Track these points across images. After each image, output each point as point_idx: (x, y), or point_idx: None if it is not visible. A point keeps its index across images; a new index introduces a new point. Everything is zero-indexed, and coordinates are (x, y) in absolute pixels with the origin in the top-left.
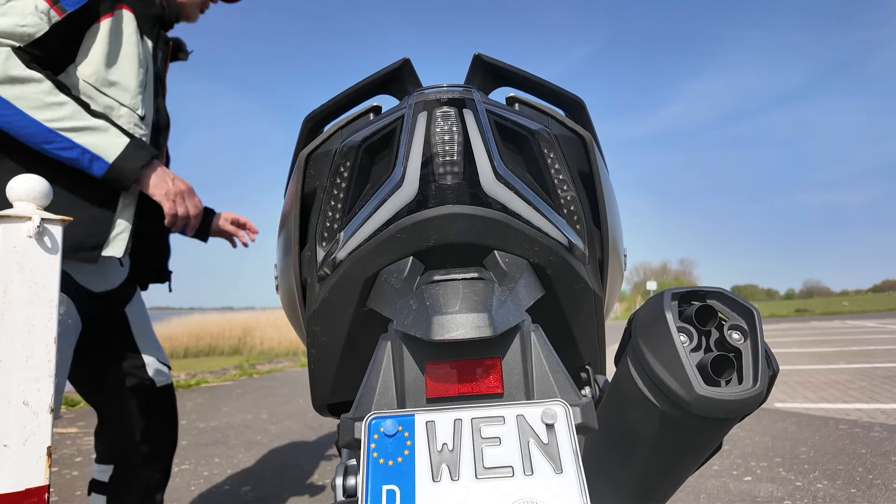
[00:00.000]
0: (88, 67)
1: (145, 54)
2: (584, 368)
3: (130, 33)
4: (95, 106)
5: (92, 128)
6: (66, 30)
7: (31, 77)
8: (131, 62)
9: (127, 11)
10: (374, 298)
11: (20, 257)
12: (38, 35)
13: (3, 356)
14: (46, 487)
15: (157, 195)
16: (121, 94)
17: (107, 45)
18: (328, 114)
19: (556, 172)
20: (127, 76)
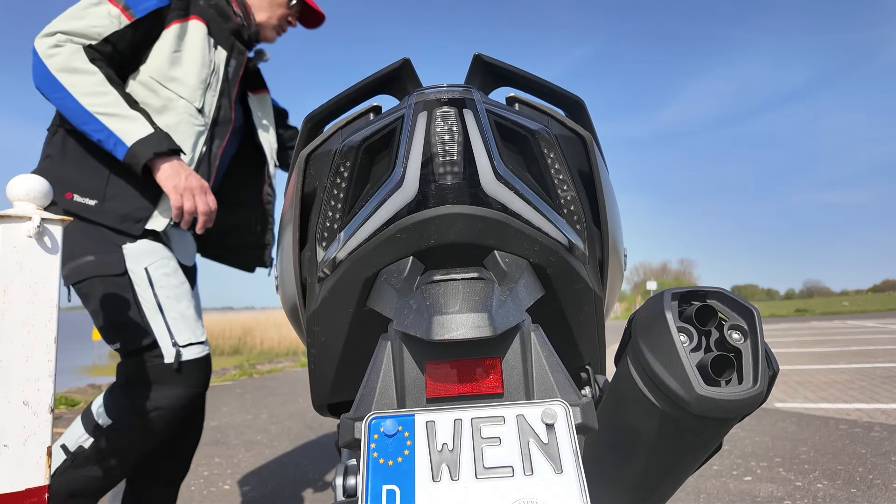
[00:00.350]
0: (153, 65)
1: (213, 59)
2: (584, 368)
3: (199, 39)
4: (157, 98)
5: (124, 116)
6: (134, 33)
7: (89, 69)
8: (194, 63)
9: (198, 22)
10: (374, 298)
11: (20, 257)
12: (106, 34)
13: (3, 356)
14: (46, 487)
15: (166, 186)
16: (180, 87)
17: (172, 46)
18: (328, 114)
19: (556, 172)
20: (188, 74)
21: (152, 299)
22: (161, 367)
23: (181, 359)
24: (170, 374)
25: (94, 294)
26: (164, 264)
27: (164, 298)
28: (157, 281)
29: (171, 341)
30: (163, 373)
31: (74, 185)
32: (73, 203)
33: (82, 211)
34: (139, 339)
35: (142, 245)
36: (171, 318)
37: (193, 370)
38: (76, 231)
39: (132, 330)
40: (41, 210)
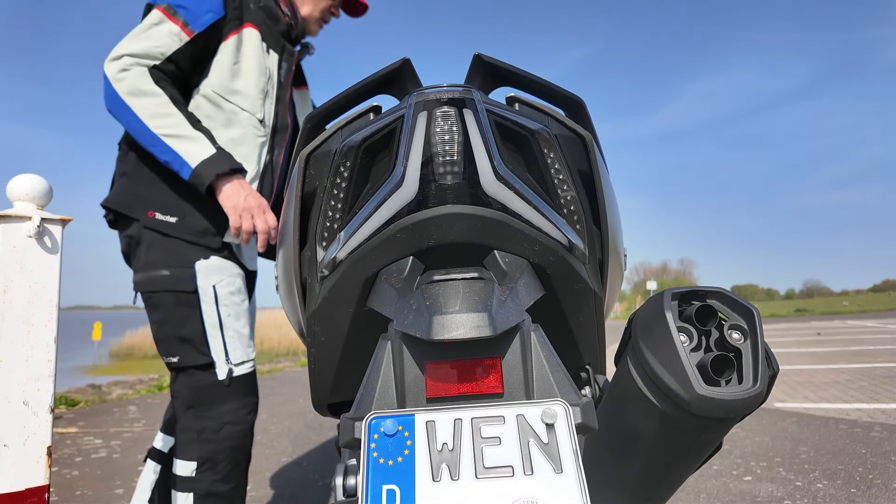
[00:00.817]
0: (215, 79)
1: (268, 65)
2: (584, 368)
3: (254, 47)
4: (222, 112)
5: (188, 137)
6: (194, 48)
7: (154, 91)
8: (253, 73)
9: (252, 29)
10: (374, 298)
11: (20, 257)
12: (168, 53)
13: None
14: (46, 487)
15: (226, 206)
16: (241, 100)
17: (231, 59)
18: (328, 114)
19: (556, 172)
20: (248, 85)
21: (215, 316)
22: (214, 384)
23: (232, 375)
24: (223, 390)
25: (163, 307)
26: (231, 282)
27: (225, 317)
28: (222, 299)
29: (225, 359)
30: (217, 389)
31: (155, 203)
32: (155, 221)
33: (164, 228)
34: (197, 356)
35: (213, 262)
36: (229, 336)
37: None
38: (157, 244)
39: (193, 346)
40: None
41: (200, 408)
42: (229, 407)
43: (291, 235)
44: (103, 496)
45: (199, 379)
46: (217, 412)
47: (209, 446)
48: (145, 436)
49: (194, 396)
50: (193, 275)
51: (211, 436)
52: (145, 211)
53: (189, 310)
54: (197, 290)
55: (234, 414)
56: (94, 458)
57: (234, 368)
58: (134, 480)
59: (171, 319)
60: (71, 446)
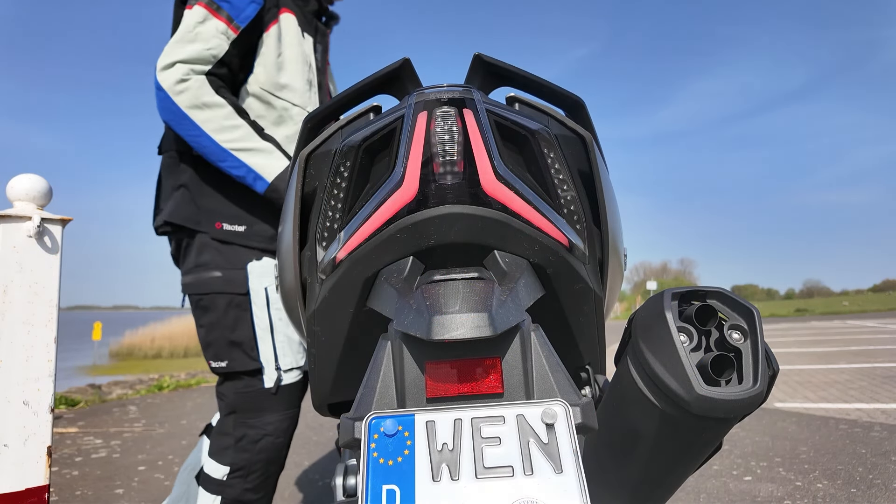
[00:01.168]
0: (262, 75)
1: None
2: (584, 368)
3: (293, 35)
4: (273, 110)
5: (259, 150)
6: (241, 45)
7: (217, 103)
8: (297, 63)
9: (288, 14)
10: (374, 298)
11: (20, 257)
12: (220, 55)
13: (3, 356)
14: (46, 487)
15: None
16: (291, 95)
17: (275, 51)
18: (328, 114)
19: (556, 172)
20: (295, 78)
21: (266, 319)
22: (261, 392)
23: (280, 383)
24: (269, 399)
25: (214, 309)
26: None
27: (276, 321)
28: (273, 302)
29: (274, 364)
30: (263, 397)
31: (221, 214)
32: (223, 231)
33: (233, 238)
34: (247, 362)
35: (265, 263)
36: (279, 340)
37: (291, 393)
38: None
39: (243, 351)
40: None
41: (243, 415)
42: (272, 418)
43: (291, 235)
44: (103, 496)
45: (246, 385)
46: (259, 422)
47: (245, 455)
48: (145, 436)
49: (239, 402)
50: (246, 277)
51: (248, 445)
52: (212, 223)
53: (240, 312)
54: (249, 292)
55: (275, 426)
56: (94, 458)
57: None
58: (134, 480)
59: (223, 323)
60: (71, 446)
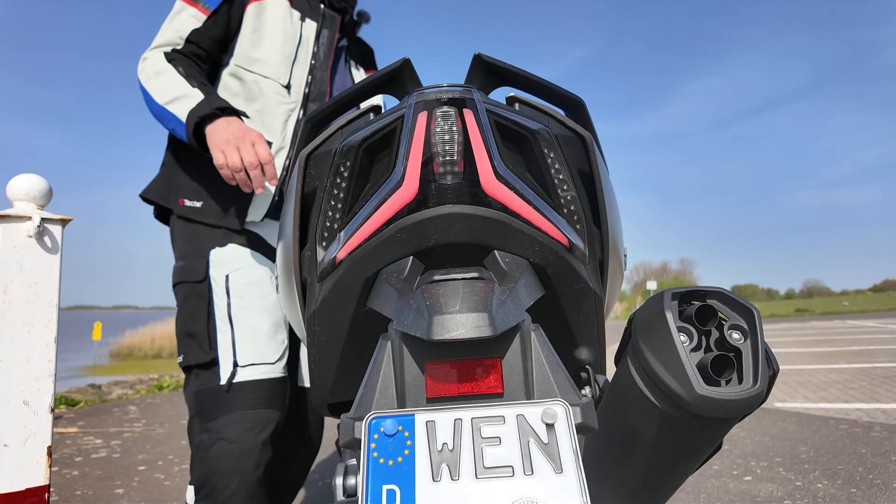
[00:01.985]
0: (238, 51)
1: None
2: (584, 368)
3: (279, 13)
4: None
5: (183, 96)
6: (215, 27)
7: (165, 69)
8: (276, 37)
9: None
10: (374, 298)
11: (20, 257)
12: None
13: (3, 356)
14: (46, 487)
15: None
16: (263, 67)
17: (252, 27)
18: (328, 114)
19: (557, 172)
20: (271, 52)
21: (225, 309)
22: (215, 389)
23: (233, 379)
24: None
25: (179, 300)
26: (249, 272)
27: (237, 309)
28: (235, 290)
29: (231, 359)
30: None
31: (185, 189)
32: (184, 208)
33: (192, 214)
34: (200, 354)
35: (229, 250)
36: (240, 332)
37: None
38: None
39: (197, 343)
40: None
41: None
42: (228, 419)
43: (291, 235)
44: (103, 496)
45: (202, 381)
46: (214, 424)
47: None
48: (145, 436)
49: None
50: (207, 264)
51: (204, 453)
52: (177, 199)
53: (198, 302)
54: (208, 279)
55: (231, 429)
56: (94, 457)
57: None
58: (134, 480)
59: (182, 313)
60: (71, 446)
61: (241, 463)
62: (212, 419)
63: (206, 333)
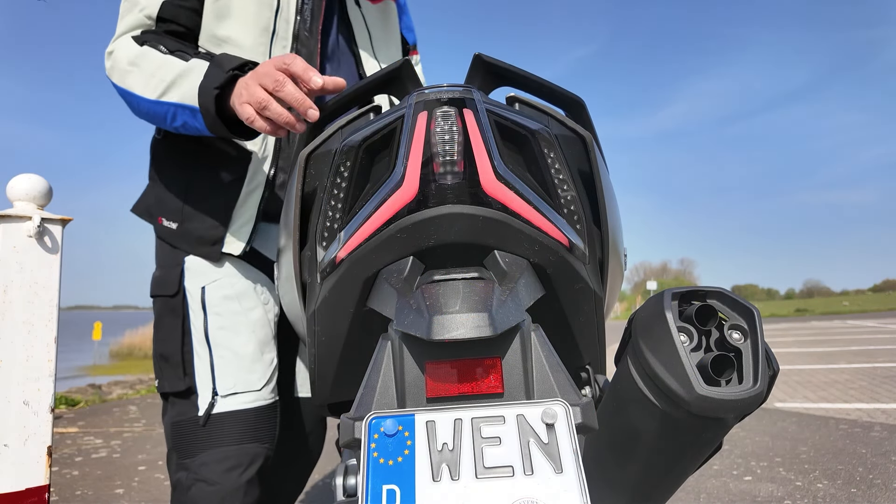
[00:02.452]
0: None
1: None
2: (584, 368)
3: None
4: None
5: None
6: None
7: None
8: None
9: None
10: (374, 298)
11: (20, 257)
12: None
13: (4, 356)
14: (47, 487)
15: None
16: (233, 48)
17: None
18: (328, 113)
19: (557, 172)
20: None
21: (202, 329)
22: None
23: (211, 411)
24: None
25: (155, 316)
26: (229, 284)
27: (215, 329)
28: (212, 305)
29: (210, 388)
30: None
31: (162, 208)
32: (162, 228)
33: (167, 235)
34: (175, 381)
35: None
36: (219, 355)
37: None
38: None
39: (171, 368)
40: (41, 210)
41: (180, 451)
42: (206, 457)
43: (291, 235)
44: (103, 496)
45: (178, 411)
46: (193, 462)
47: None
48: (145, 436)
49: (174, 435)
50: (181, 275)
51: (181, 495)
52: (156, 217)
53: (172, 319)
54: (183, 292)
55: (210, 469)
56: (94, 457)
57: (217, 401)
58: (134, 480)
59: (156, 332)
60: (71, 446)
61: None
62: (189, 455)
63: (181, 357)
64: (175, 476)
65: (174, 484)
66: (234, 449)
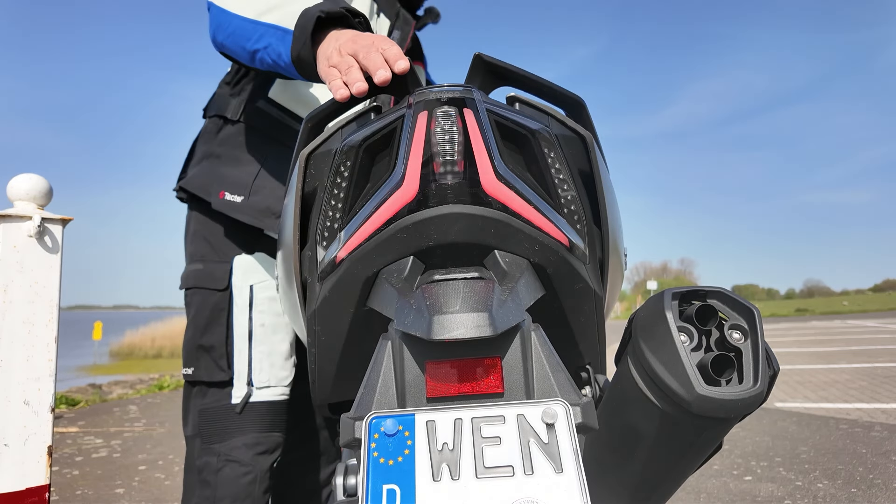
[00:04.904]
0: None
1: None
2: (584, 368)
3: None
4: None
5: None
6: None
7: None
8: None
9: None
10: (374, 298)
11: (21, 257)
12: None
13: (4, 356)
14: (47, 487)
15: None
16: None
17: None
18: (329, 113)
19: (557, 172)
20: None
21: (245, 325)
22: (226, 409)
23: (249, 399)
24: (233, 419)
25: (192, 307)
26: (273, 286)
27: (258, 326)
28: (258, 304)
29: (246, 379)
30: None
31: (227, 182)
32: (224, 202)
33: (229, 209)
34: (214, 371)
35: (256, 259)
36: (258, 352)
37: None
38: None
39: (211, 358)
40: (41, 210)
41: (207, 437)
42: (238, 442)
43: (292, 235)
44: (104, 496)
45: (211, 399)
46: (224, 446)
47: (206, 491)
48: (145, 435)
49: (203, 422)
50: (230, 271)
51: (210, 476)
52: (219, 192)
53: (216, 313)
54: (230, 288)
55: (242, 452)
56: (94, 457)
57: (253, 392)
58: (134, 480)
59: (196, 322)
60: (71, 446)
61: (253, 487)
62: (220, 441)
63: (225, 350)
64: (202, 460)
65: (200, 467)
66: (264, 436)
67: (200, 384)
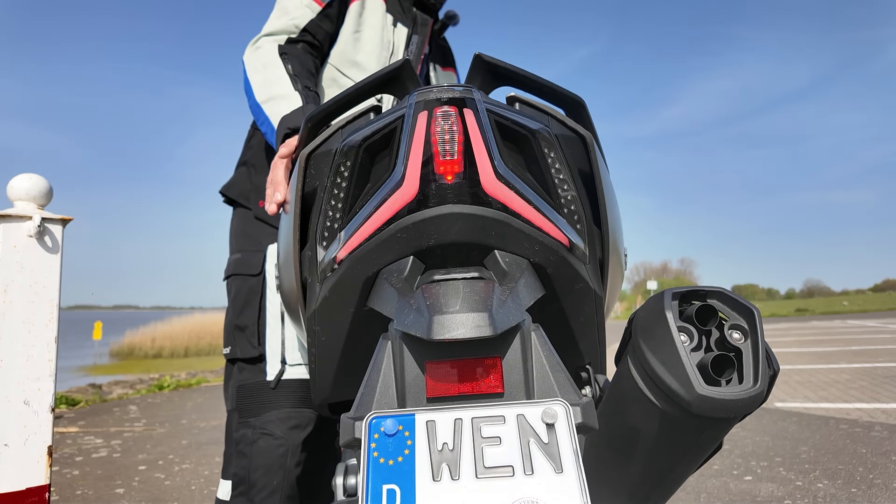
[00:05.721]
0: (337, 49)
1: (392, 40)
2: (584, 368)
3: (377, 17)
4: (337, 87)
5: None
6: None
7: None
8: (374, 45)
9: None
10: (374, 298)
11: (21, 257)
12: (304, 24)
13: (4, 356)
14: (47, 487)
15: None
16: (360, 74)
17: (353, 26)
18: (329, 114)
19: (557, 172)
20: (369, 58)
21: (278, 306)
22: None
23: (281, 377)
24: (268, 394)
25: (232, 292)
26: None
27: None
28: None
29: (280, 357)
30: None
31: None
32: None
33: (267, 217)
34: (249, 348)
35: None
36: (291, 331)
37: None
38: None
39: (247, 337)
40: (42, 210)
41: (244, 412)
42: (273, 416)
43: (292, 235)
44: (104, 496)
45: (247, 376)
46: (259, 420)
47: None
48: (145, 435)
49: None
50: (263, 258)
51: (246, 448)
52: (257, 200)
53: (251, 295)
54: (263, 273)
55: (275, 425)
56: (94, 457)
57: (287, 369)
58: (134, 480)
59: (234, 305)
60: (71, 446)
61: (285, 459)
62: (255, 415)
63: (257, 328)
64: (239, 433)
65: (237, 440)
66: (296, 412)
67: (238, 361)
